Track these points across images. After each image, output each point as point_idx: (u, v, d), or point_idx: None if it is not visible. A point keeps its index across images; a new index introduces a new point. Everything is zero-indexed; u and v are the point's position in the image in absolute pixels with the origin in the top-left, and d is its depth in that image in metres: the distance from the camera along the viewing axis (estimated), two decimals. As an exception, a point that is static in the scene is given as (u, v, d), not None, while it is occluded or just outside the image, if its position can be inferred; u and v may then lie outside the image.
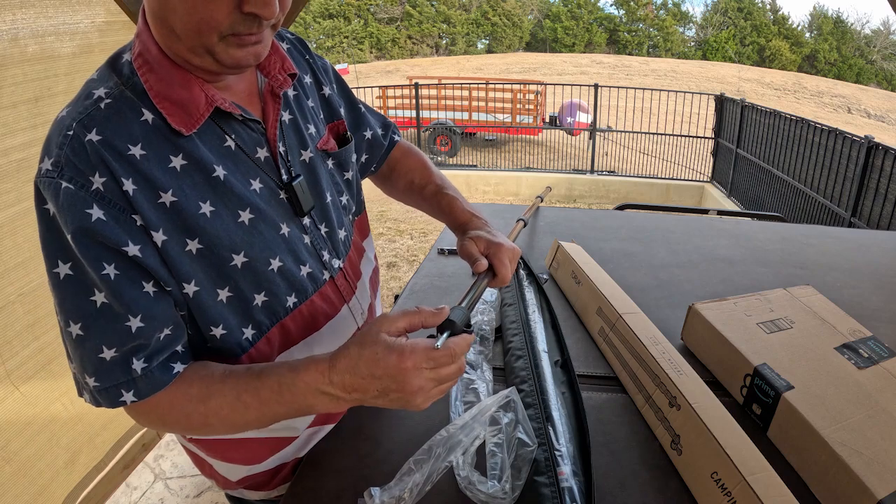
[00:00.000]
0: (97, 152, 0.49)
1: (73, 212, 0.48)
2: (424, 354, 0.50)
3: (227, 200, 0.56)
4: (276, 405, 0.54)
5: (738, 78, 18.37)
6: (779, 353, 0.76)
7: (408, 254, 4.71)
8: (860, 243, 1.40)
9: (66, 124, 0.50)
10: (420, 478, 0.58)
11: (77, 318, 0.51)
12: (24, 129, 1.31)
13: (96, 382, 0.53)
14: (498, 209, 1.67)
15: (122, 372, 0.52)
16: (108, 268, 0.50)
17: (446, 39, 31.88)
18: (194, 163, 0.54)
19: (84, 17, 1.44)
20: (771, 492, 0.54)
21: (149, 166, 0.51)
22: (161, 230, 0.52)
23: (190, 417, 0.55)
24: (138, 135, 0.51)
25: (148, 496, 1.87)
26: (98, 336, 0.51)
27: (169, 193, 0.52)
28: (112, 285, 0.50)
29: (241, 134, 0.58)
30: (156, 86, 0.52)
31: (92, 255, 0.49)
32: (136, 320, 0.51)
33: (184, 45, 0.50)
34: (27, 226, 1.34)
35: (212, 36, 0.49)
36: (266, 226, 0.59)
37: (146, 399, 0.53)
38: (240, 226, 0.57)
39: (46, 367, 1.42)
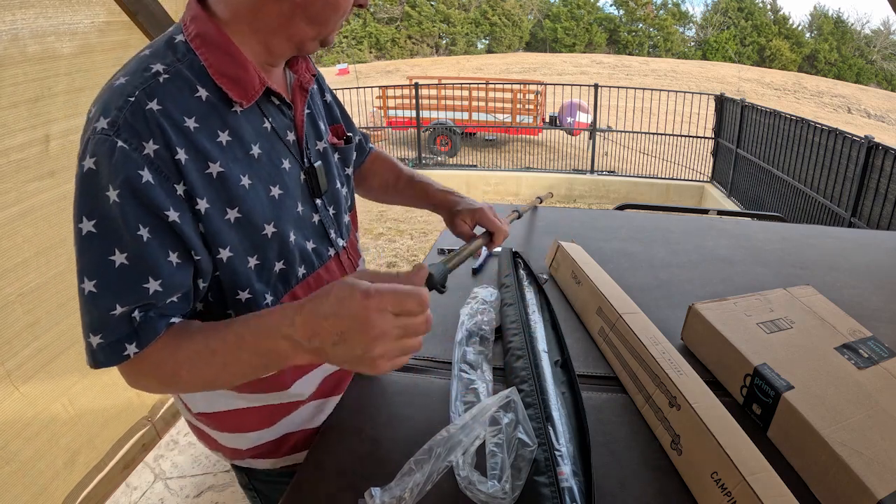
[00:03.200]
0: (156, 120, 0.52)
1: (124, 170, 0.51)
2: (391, 296, 0.47)
3: (262, 176, 0.61)
4: (240, 350, 0.53)
5: (738, 78, 18.37)
6: (779, 353, 0.76)
7: (408, 254, 4.71)
8: (860, 243, 1.40)
9: (127, 91, 0.53)
10: (420, 478, 0.58)
11: (92, 275, 0.53)
12: (24, 130, 1.31)
13: (101, 339, 0.54)
14: (498, 209, 1.67)
15: (127, 324, 0.54)
16: (143, 230, 0.52)
17: (446, 39, 31.87)
18: (238, 139, 0.59)
19: (84, 17, 1.44)
20: (771, 492, 0.54)
21: (200, 138, 0.55)
22: (205, 198, 0.56)
23: (161, 366, 0.55)
24: (193, 109, 0.55)
25: (148, 496, 1.87)
26: (112, 294, 0.53)
27: (217, 164, 0.56)
28: (142, 247, 0.52)
29: (277, 117, 0.64)
30: (215, 63, 0.57)
31: (132, 214, 0.51)
32: (156, 284, 0.54)
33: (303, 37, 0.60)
34: (27, 226, 1.34)
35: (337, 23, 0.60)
36: (290, 202, 0.65)
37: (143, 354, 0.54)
38: (271, 199, 0.62)
39: (46, 367, 1.42)
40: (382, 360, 0.49)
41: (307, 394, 0.75)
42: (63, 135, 1.42)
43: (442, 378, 0.83)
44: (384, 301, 0.47)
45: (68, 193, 1.52)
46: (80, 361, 1.53)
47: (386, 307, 0.47)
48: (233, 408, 0.71)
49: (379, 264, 4.47)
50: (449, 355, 0.86)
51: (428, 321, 0.51)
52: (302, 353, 0.51)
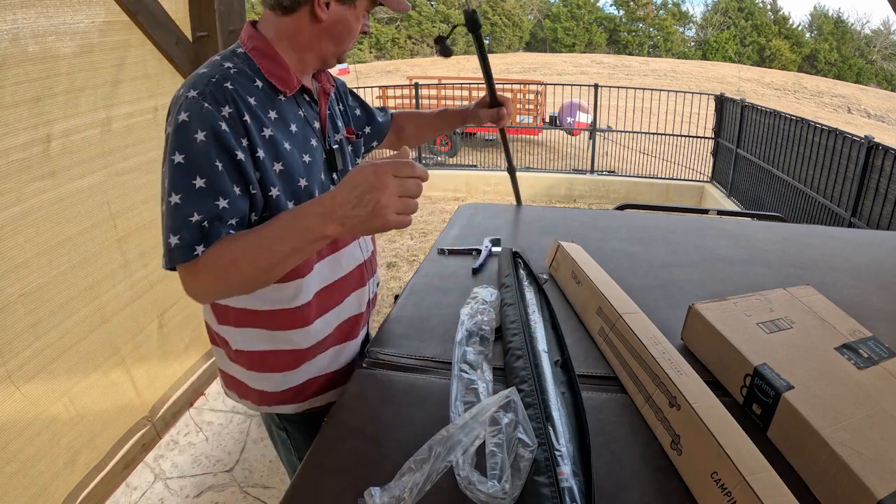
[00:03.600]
0: (230, 94, 0.74)
1: (209, 121, 0.71)
2: (390, 163, 0.67)
3: (298, 145, 0.83)
4: (282, 230, 0.71)
5: (738, 78, 18.36)
6: (779, 353, 0.76)
7: (408, 254, 4.71)
8: (860, 243, 1.40)
9: (209, 75, 0.75)
10: (420, 478, 0.59)
11: (179, 191, 0.70)
12: (26, 129, 1.31)
13: (178, 240, 0.70)
14: (498, 209, 1.67)
15: (198, 230, 0.70)
16: (218, 163, 0.71)
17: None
18: (282, 118, 0.81)
19: (84, 17, 1.44)
20: (771, 492, 0.54)
21: (258, 111, 0.77)
22: (261, 151, 0.76)
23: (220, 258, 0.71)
24: (253, 92, 0.77)
25: (148, 496, 1.87)
26: (192, 206, 0.70)
27: (269, 129, 0.78)
28: (217, 175, 0.71)
29: (307, 109, 0.87)
30: (266, 66, 0.80)
31: (212, 152, 0.71)
32: (224, 202, 0.72)
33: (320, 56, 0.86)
34: (28, 226, 1.34)
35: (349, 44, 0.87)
36: (316, 168, 0.86)
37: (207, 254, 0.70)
38: (303, 162, 0.83)
39: (47, 367, 1.42)
40: (388, 211, 0.66)
41: (325, 334, 0.91)
42: (64, 134, 1.42)
43: (442, 378, 0.83)
44: (385, 167, 0.66)
45: (69, 193, 1.53)
46: (81, 362, 1.53)
47: (388, 171, 0.65)
48: (265, 349, 0.88)
49: (379, 264, 4.46)
50: (449, 355, 0.86)
51: (419, 183, 0.68)
52: (328, 224, 0.68)
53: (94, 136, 1.52)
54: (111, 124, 1.58)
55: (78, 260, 1.49)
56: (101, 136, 1.55)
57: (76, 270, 1.49)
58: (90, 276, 1.54)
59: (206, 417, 2.24)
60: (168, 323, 1.90)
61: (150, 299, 1.80)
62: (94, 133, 1.52)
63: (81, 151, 1.48)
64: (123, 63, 1.59)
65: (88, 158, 1.51)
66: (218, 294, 0.79)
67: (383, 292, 3.75)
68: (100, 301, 1.58)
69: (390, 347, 0.91)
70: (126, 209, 1.66)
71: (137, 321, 1.75)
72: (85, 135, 1.49)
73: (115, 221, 1.62)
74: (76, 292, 1.49)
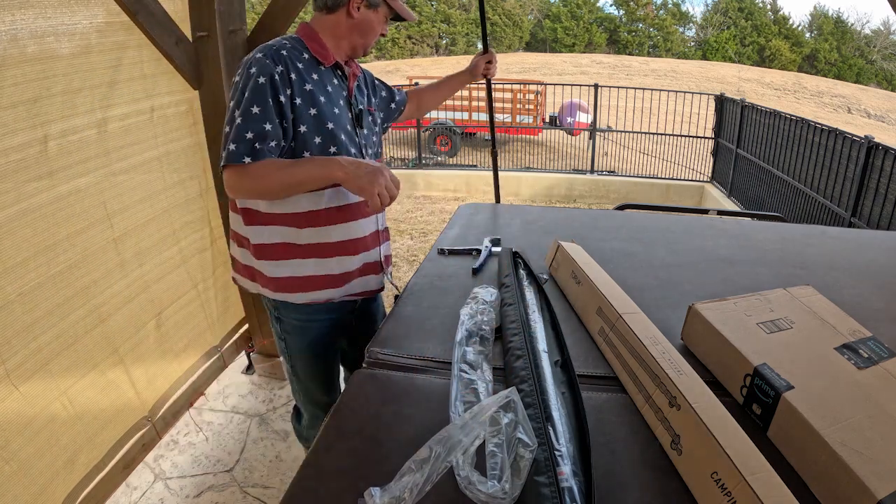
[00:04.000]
0: (284, 58, 1.07)
1: (267, 71, 1.04)
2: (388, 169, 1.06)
3: (330, 100, 1.13)
4: (311, 166, 1.06)
5: (738, 78, 18.36)
6: (779, 353, 0.75)
7: (408, 254, 4.71)
8: (860, 243, 1.40)
9: (272, 45, 1.09)
10: (420, 478, 0.58)
11: (242, 114, 1.02)
12: (24, 130, 1.31)
13: (234, 148, 1.01)
14: (498, 209, 1.67)
15: (250, 144, 1.02)
16: (269, 100, 1.03)
17: (446, 39, 31.86)
18: (321, 80, 1.13)
19: (83, 18, 1.44)
20: (771, 492, 0.54)
21: (303, 72, 1.09)
22: (300, 99, 1.07)
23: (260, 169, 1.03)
24: (301, 60, 1.10)
25: (148, 496, 1.87)
26: (248, 124, 1.02)
27: (309, 85, 1.09)
28: (267, 107, 1.03)
29: (339, 81, 1.19)
30: (312, 46, 1.14)
31: (267, 91, 1.03)
32: (268, 126, 1.03)
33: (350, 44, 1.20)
34: (25, 226, 1.34)
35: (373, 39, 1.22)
36: (344, 120, 1.16)
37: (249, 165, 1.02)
38: (332, 112, 1.13)
39: (45, 366, 1.41)
40: (375, 185, 1.01)
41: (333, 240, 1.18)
42: (61, 135, 1.42)
43: (442, 378, 0.83)
44: (387, 169, 1.05)
45: (66, 193, 1.53)
46: (79, 361, 1.53)
47: (386, 170, 1.04)
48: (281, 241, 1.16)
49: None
50: (449, 355, 0.86)
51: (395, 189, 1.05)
52: (341, 172, 1.03)
53: (91, 136, 1.52)
54: (108, 125, 1.58)
55: (75, 259, 1.49)
56: (97, 137, 1.55)
57: (73, 270, 1.49)
58: (87, 275, 1.54)
59: (206, 417, 2.24)
60: (166, 322, 1.90)
61: (147, 299, 1.80)
62: (91, 133, 1.52)
63: (78, 152, 1.48)
64: (120, 64, 1.59)
65: (85, 159, 1.51)
66: (250, 194, 1.11)
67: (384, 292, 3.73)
68: (97, 301, 1.58)
69: (390, 347, 0.91)
70: (122, 209, 1.66)
71: (135, 320, 1.75)
72: (82, 135, 1.49)
73: (111, 221, 1.62)
74: (73, 292, 1.49)
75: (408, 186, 7.04)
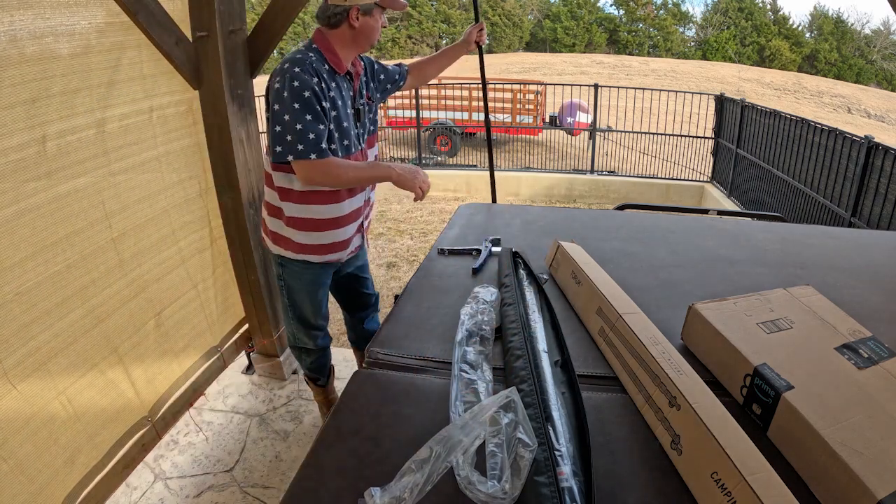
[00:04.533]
0: (316, 71, 1.30)
1: (310, 86, 1.28)
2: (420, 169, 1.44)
3: (343, 102, 1.39)
4: (371, 168, 1.45)
5: (738, 78, 18.36)
6: (779, 353, 0.75)
7: (408, 254, 4.71)
8: (860, 243, 1.40)
9: (301, 59, 1.30)
10: (420, 478, 0.58)
11: (299, 121, 1.28)
12: (22, 130, 1.30)
13: (301, 148, 1.29)
14: (498, 209, 1.67)
15: (315, 145, 1.30)
16: (316, 107, 1.29)
17: (446, 39, 31.85)
18: (338, 87, 1.38)
19: (81, 19, 1.44)
20: (771, 492, 0.54)
21: (327, 81, 1.33)
22: (327, 104, 1.32)
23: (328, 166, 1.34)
24: (323, 71, 1.33)
25: (148, 496, 1.87)
26: (308, 128, 1.28)
27: (331, 92, 1.34)
28: (317, 113, 1.30)
29: (346, 85, 1.43)
30: (330, 57, 1.36)
31: (314, 101, 1.28)
32: (321, 127, 1.31)
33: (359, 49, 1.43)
34: (24, 226, 1.34)
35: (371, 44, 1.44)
36: (350, 118, 1.43)
37: (316, 160, 1.31)
38: (346, 113, 1.41)
39: (44, 365, 1.41)
40: (415, 184, 1.42)
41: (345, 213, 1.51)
42: (59, 135, 1.42)
43: (442, 378, 0.83)
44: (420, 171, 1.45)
45: (65, 193, 1.52)
46: (77, 361, 1.53)
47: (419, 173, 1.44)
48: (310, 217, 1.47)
49: (379, 264, 4.46)
50: (449, 355, 0.86)
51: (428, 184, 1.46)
52: (395, 175, 1.40)
53: (90, 136, 1.52)
54: (107, 125, 1.58)
55: (73, 259, 1.49)
56: (96, 137, 1.55)
57: (72, 270, 1.49)
58: (86, 275, 1.54)
59: (206, 417, 2.24)
60: (165, 322, 1.90)
61: (146, 299, 1.79)
62: (89, 134, 1.52)
63: (77, 152, 1.48)
64: (119, 64, 1.59)
65: (84, 159, 1.51)
66: (323, 184, 1.41)
67: (383, 292, 3.75)
68: (96, 300, 1.58)
69: (390, 347, 0.91)
70: (121, 209, 1.66)
71: (134, 320, 1.75)
72: (81, 136, 1.49)
73: (110, 221, 1.62)
74: (72, 291, 1.49)
75: (408, 186, 7.02)
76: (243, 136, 2.07)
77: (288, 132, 1.29)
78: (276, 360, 2.45)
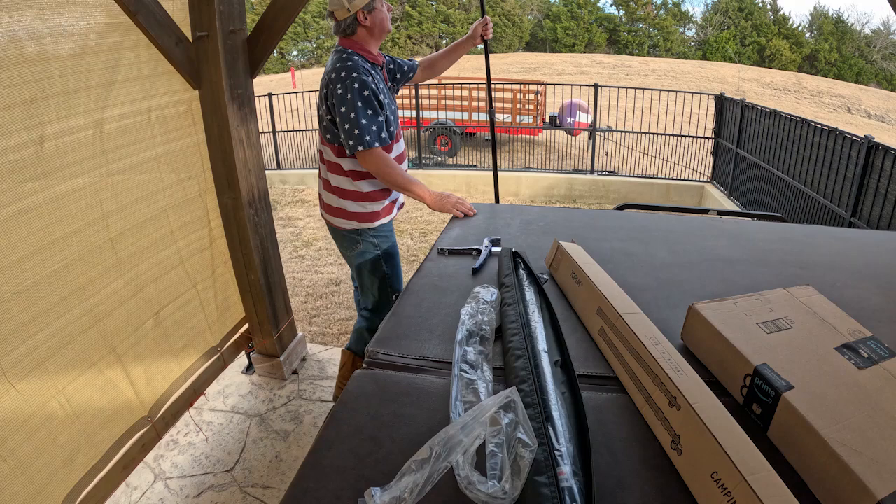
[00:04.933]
0: (368, 71, 1.59)
1: (369, 87, 1.57)
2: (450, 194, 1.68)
3: (385, 92, 1.67)
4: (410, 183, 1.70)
5: (738, 78, 18.35)
6: (779, 353, 0.75)
7: (408, 254, 4.71)
8: (860, 243, 1.40)
9: (353, 65, 1.58)
10: (420, 478, 0.58)
11: (363, 116, 1.56)
12: (19, 131, 1.30)
13: (368, 138, 1.58)
14: (498, 209, 1.67)
15: (377, 135, 1.60)
16: (375, 103, 1.59)
17: (446, 39, 31.84)
18: (380, 79, 1.68)
19: (80, 19, 1.43)
20: (771, 492, 0.54)
21: (375, 76, 1.63)
22: (381, 94, 1.62)
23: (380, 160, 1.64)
24: (369, 67, 1.62)
25: (148, 496, 1.87)
26: (370, 121, 1.58)
27: (380, 85, 1.65)
28: (376, 108, 1.59)
29: (380, 73, 1.70)
30: (367, 55, 1.65)
31: (373, 98, 1.58)
32: (381, 119, 1.61)
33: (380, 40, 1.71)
34: (22, 225, 1.34)
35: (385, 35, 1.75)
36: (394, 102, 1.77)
37: (377, 150, 1.62)
38: (391, 98, 1.71)
39: (42, 364, 1.41)
40: (445, 207, 1.63)
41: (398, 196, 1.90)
42: (57, 136, 1.42)
43: (442, 378, 0.83)
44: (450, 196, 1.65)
45: (63, 194, 1.53)
46: (76, 360, 1.53)
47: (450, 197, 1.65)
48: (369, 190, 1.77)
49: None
50: (449, 355, 0.86)
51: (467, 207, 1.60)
52: (429, 199, 1.68)
53: (88, 137, 1.52)
54: (105, 125, 1.58)
55: (71, 259, 1.49)
56: (94, 138, 1.55)
57: (69, 269, 1.49)
58: (84, 274, 1.54)
59: (206, 417, 2.24)
60: (164, 322, 1.90)
61: (144, 298, 1.79)
62: (87, 134, 1.52)
63: (75, 152, 1.48)
64: (117, 65, 1.59)
65: (82, 159, 1.51)
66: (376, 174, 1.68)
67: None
68: (94, 300, 1.58)
69: (390, 347, 0.91)
70: (119, 209, 1.66)
71: (132, 320, 1.75)
72: (79, 136, 1.49)
73: (107, 221, 1.62)
74: (70, 291, 1.49)
75: (408, 186, 7.02)
76: (243, 136, 2.07)
77: (356, 128, 1.57)
78: (276, 360, 2.45)
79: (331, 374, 2.54)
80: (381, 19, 1.62)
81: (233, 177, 2.06)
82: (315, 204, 6.51)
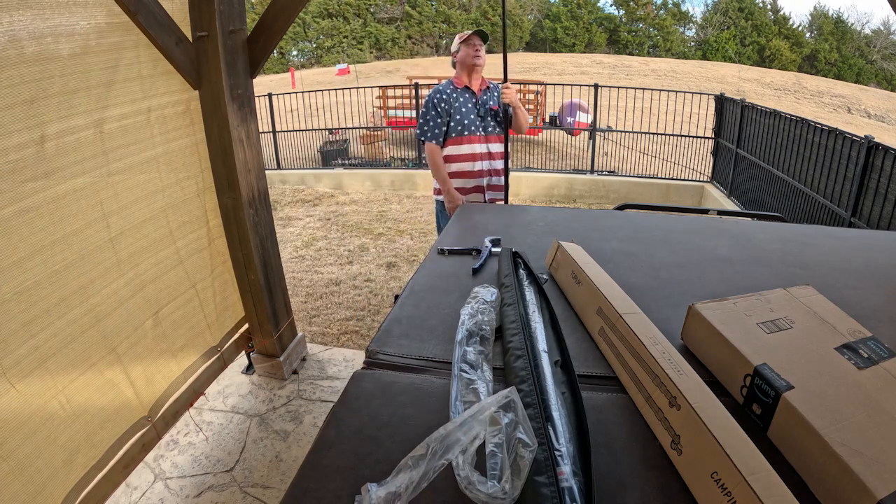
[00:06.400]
0: (441, 93, 2.47)
1: (431, 98, 2.49)
2: None
3: (465, 107, 2.48)
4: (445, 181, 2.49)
5: (738, 78, 18.35)
6: (779, 353, 0.75)
7: (408, 254, 4.71)
8: (860, 243, 1.39)
9: (437, 88, 2.51)
10: (416, 475, 0.58)
11: (426, 120, 2.48)
12: (20, 131, 1.30)
13: (429, 135, 2.47)
14: (498, 209, 1.67)
15: (425, 133, 2.48)
16: (431, 111, 2.47)
17: (446, 39, 31.85)
18: (460, 96, 2.49)
19: (81, 19, 1.43)
20: (771, 492, 0.54)
21: (451, 95, 2.47)
22: (446, 106, 2.46)
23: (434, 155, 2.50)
24: (450, 90, 2.49)
25: (148, 496, 1.87)
26: (429, 122, 2.47)
27: (450, 100, 2.47)
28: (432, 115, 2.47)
29: (470, 97, 2.50)
30: (456, 82, 2.51)
31: (437, 107, 2.46)
32: (432, 123, 2.46)
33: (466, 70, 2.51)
34: (23, 225, 1.34)
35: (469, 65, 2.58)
36: (471, 115, 2.49)
37: (427, 143, 2.49)
38: (466, 109, 2.48)
39: (42, 364, 1.41)
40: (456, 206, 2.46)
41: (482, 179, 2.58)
42: (58, 136, 1.42)
43: (442, 378, 0.83)
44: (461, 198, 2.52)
45: (64, 193, 1.52)
46: (76, 360, 1.53)
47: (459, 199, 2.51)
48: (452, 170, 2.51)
49: (379, 264, 4.46)
50: (449, 355, 0.86)
51: None
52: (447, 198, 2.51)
53: (88, 137, 1.52)
54: (105, 125, 1.58)
55: (72, 259, 1.49)
56: (94, 138, 1.55)
57: (70, 269, 1.49)
58: (84, 274, 1.54)
59: (206, 417, 2.24)
60: (163, 321, 1.90)
61: (143, 298, 1.79)
62: (87, 134, 1.52)
63: (75, 152, 1.48)
64: (117, 65, 1.59)
65: (82, 159, 1.51)
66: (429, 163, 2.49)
67: (384, 291, 3.75)
68: (94, 300, 1.58)
69: (390, 347, 0.91)
70: (119, 209, 1.66)
71: (131, 320, 1.75)
72: (79, 136, 1.49)
73: (108, 221, 1.62)
74: (70, 291, 1.49)
75: (408, 186, 7.03)
76: (243, 135, 2.07)
77: (420, 125, 2.47)
78: (276, 360, 2.45)
79: (331, 373, 2.54)
80: (462, 58, 2.43)
81: (233, 177, 2.06)
82: (315, 204, 6.51)
